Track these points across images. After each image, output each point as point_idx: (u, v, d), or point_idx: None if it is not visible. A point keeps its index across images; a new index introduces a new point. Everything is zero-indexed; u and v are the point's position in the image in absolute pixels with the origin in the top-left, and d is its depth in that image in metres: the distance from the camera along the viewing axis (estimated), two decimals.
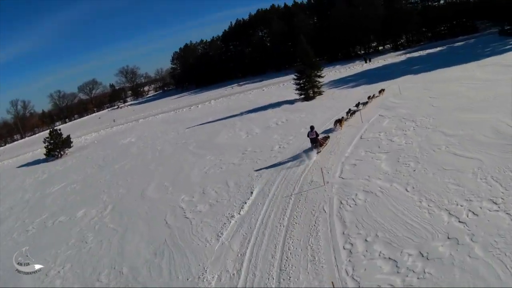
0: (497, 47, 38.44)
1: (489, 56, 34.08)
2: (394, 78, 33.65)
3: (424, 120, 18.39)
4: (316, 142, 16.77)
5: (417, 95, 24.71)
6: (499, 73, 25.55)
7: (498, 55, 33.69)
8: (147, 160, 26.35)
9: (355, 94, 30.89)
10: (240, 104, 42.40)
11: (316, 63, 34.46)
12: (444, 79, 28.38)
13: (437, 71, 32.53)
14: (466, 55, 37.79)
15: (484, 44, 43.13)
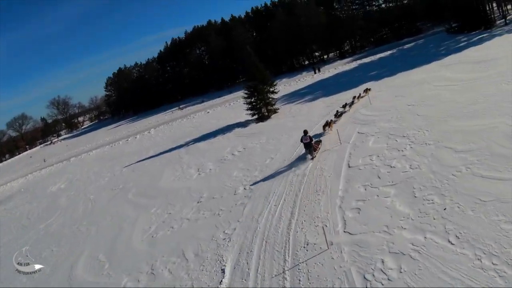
0: (451, 45, 40.13)
1: (447, 55, 34.95)
2: (355, 87, 32.36)
3: (418, 135, 16.20)
4: (310, 147, 16.76)
5: (392, 104, 23.02)
6: (470, 72, 25.47)
7: (456, 53, 34.66)
8: (77, 215, 22.78)
9: (317, 109, 28.87)
10: (184, 131, 38.57)
11: (268, 77, 31.72)
12: (411, 82, 27.84)
13: (399, 75, 32.21)
14: (422, 56, 38.75)
15: (435, 43, 45.04)
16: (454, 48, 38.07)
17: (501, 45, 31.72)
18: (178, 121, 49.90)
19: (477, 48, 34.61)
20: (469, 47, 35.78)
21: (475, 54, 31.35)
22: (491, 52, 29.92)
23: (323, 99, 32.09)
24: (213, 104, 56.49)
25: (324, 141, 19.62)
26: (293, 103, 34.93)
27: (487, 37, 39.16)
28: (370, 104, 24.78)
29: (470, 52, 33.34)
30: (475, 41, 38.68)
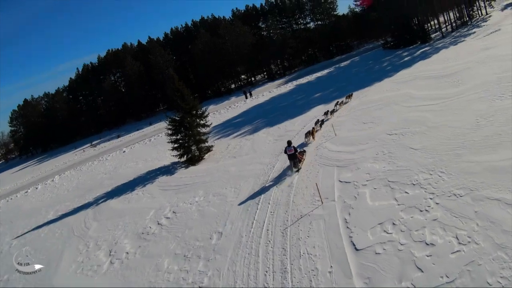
0: (394, 61, 40.32)
1: (396, 70, 34.19)
2: (302, 112, 28.29)
3: (433, 180, 12.19)
4: (295, 159, 16.71)
5: (365, 133, 19.12)
6: (438, 88, 23.92)
7: (406, 68, 33.95)
8: None
9: (263, 144, 24.10)
10: (95, 180, 31.00)
11: (197, 106, 25.99)
12: (373, 104, 24.98)
13: (353, 96, 28.27)
14: (368, 73, 37.49)
15: (374, 60, 44.53)
16: (400, 63, 37.42)
17: (454, 58, 31.61)
18: (88, 164, 40.98)
19: (427, 62, 34.05)
20: (416, 62, 35.25)
21: (430, 68, 30.36)
22: (449, 65, 28.91)
23: (267, 130, 27.19)
24: (131, 139, 48.73)
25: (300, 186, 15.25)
26: (230, 137, 29.44)
27: (430, 50, 39.34)
28: (335, 135, 20.31)
29: (422, 66, 32.59)
30: (419, 55, 38.57)
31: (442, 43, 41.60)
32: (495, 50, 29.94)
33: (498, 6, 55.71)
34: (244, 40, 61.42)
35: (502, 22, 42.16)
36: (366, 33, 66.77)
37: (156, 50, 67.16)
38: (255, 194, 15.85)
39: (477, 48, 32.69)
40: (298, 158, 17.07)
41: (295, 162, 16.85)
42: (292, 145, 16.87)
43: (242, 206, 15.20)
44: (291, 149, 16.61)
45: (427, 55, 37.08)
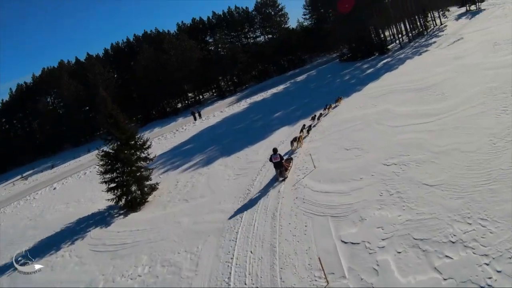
0: (356, 74, 39.37)
1: (363, 84, 32.43)
2: (265, 137, 24.87)
3: (478, 233, 9.88)
4: (281, 167, 16.67)
5: (353, 164, 16.13)
6: (422, 102, 21.95)
7: (373, 81, 32.76)
8: None
9: (222, 179, 20.40)
10: (17, 229, 24.88)
11: (135, 135, 21.49)
12: (348, 124, 22.42)
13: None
14: (331, 88, 35.91)
15: (333, 73, 43.39)
16: (364, 76, 36.23)
17: (424, 68, 30.77)
18: (14, 204, 33.86)
19: (394, 73, 32.80)
20: (382, 74, 34.01)
21: (402, 80, 29.00)
22: (423, 77, 27.75)
23: (224, 161, 23.16)
24: (66, 170, 42.19)
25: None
26: (179, 169, 24.88)
27: (393, 61, 38.56)
28: (315, 167, 16.86)
29: (390, 78, 31.37)
30: (383, 67, 37.57)
31: (404, 54, 40.85)
32: (467, 59, 29.32)
33: (451, 16, 57.25)
34: (190, 55, 57.71)
35: (462, 31, 42.56)
36: (318, 46, 65.98)
37: (95, 67, 61.42)
38: (221, 266, 11.74)
39: (446, 57, 31.98)
40: (284, 167, 16.98)
41: (281, 170, 16.85)
42: (278, 153, 16.84)
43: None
44: (277, 157, 16.58)
45: (391, 66, 35.77)
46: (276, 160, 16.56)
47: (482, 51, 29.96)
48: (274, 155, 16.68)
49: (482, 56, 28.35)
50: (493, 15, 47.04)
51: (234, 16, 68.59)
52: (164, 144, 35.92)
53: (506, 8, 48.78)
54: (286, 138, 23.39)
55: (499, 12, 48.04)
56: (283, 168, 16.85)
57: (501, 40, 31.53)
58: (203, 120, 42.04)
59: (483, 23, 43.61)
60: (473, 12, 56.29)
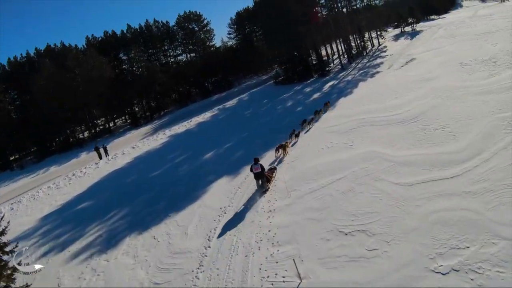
0: (298, 98, 33.77)
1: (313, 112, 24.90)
2: (195, 198, 17.31)
3: None
4: (262, 178, 15.59)
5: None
6: (424, 142, 16.76)
7: (329, 108, 24.70)
8: None
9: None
10: None
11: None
12: (321, 182, 15.25)
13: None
14: (271, 118, 29.47)
15: (270, 98, 37.47)
16: (310, 101, 31.49)
17: (389, 93, 25.92)
18: None
19: (351, 99, 28.37)
20: (336, 99, 28.62)
21: (370, 109, 23.64)
22: (398, 104, 23.33)
23: (134, 243, 14.56)
24: None
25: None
26: (64, 254, 15.22)
27: (343, 85, 34.33)
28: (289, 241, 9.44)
29: (352, 105, 25.79)
30: (332, 90, 33.21)
31: (351, 76, 36.10)
32: (438, 81, 25.29)
33: (387, 36, 55.03)
34: (100, 74, 47.12)
35: (410, 51, 39.47)
36: (246, 67, 60.03)
37: None
38: None
39: (409, 79, 27.78)
40: (266, 177, 15.80)
41: (262, 181, 15.69)
42: (260, 162, 15.65)
43: None
44: (258, 168, 15.45)
45: (343, 90, 30.41)
46: (257, 171, 15.53)
47: (452, 73, 26.32)
48: (255, 165, 15.66)
49: (459, 78, 24.37)
50: (437, 35, 45.00)
51: (152, 31, 59.17)
52: (53, 197, 25.49)
53: (448, 29, 47.45)
54: (231, 200, 15.71)
55: (442, 32, 46.39)
56: (265, 179, 15.77)
57: (467, 60, 28.34)
58: (109, 159, 32.21)
59: (430, 44, 41.13)
60: (411, 33, 55.14)
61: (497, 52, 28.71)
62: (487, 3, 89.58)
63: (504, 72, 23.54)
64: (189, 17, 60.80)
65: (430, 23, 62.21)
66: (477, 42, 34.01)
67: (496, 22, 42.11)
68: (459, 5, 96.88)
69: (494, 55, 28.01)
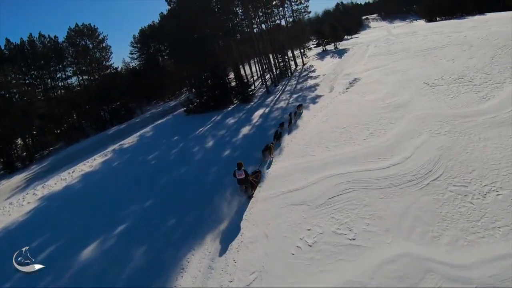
0: (222, 134, 24.85)
1: (255, 158, 17.75)
2: None
3: None
4: (246, 183, 14.75)
5: None
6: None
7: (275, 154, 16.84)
8: None
9: None
10: None
11: None
12: None
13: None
14: (192, 169, 19.86)
15: (182, 134, 28.26)
16: (241, 140, 22.82)
17: (357, 127, 18.84)
18: None
19: (302, 136, 20.22)
20: (272, 132, 20.18)
21: (340, 153, 16.35)
22: (380, 144, 16.43)
23: None
24: None
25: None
26: None
27: (277, 114, 25.31)
28: None
29: (307, 148, 17.95)
30: (266, 123, 24.69)
31: (284, 102, 28.85)
32: (414, 108, 19.26)
33: (310, 55, 49.76)
34: None
35: (346, 71, 33.80)
36: (151, 92, 50.35)
37: None
38: None
39: (373, 106, 21.20)
40: (250, 182, 14.84)
41: (246, 187, 14.82)
42: (243, 168, 14.73)
43: None
44: (241, 173, 14.70)
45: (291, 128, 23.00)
46: (241, 177, 14.59)
47: (426, 96, 20.77)
48: (238, 171, 14.69)
49: (443, 103, 18.94)
50: (370, 53, 40.33)
51: (36, 48, 46.03)
52: None
53: (379, 46, 43.30)
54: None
55: (373, 49, 41.99)
56: (249, 185, 14.64)
57: (432, 80, 23.30)
58: None
59: (367, 62, 36.02)
60: (335, 51, 50.54)
61: (463, 70, 24.07)
62: (396, 24, 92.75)
63: (496, 94, 18.40)
64: (81, 31, 49.03)
65: (347, 42, 59.08)
66: (427, 59, 29.72)
67: (431, 38, 38.81)
68: (367, 26, 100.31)
69: (462, 73, 23.36)
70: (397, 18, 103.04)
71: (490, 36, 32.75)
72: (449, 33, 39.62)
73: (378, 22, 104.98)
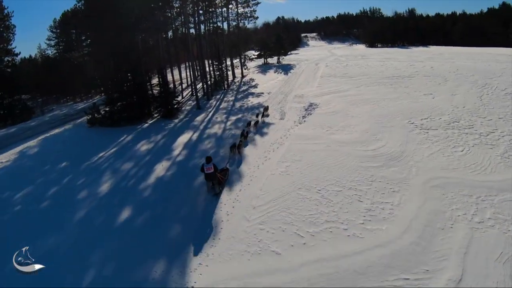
0: (132, 164, 16.78)
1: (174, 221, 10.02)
2: None
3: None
4: (214, 179, 13.68)
5: None
6: None
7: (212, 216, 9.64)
8: None
9: None
10: None
11: None
12: None
13: None
14: (64, 236, 11.27)
15: (76, 157, 19.01)
16: (156, 180, 14.70)
17: (317, 190, 12.44)
18: None
19: (252, 195, 12.77)
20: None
21: (323, 228, 8.96)
22: (385, 219, 9.73)
23: None
24: None
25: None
26: None
27: (210, 146, 18.50)
28: None
29: (271, 211, 11.11)
30: (190, 161, 16.91)
31: (219, 126, 21.59)
32: (416, 161, 13.39)
33: (250, 66, 43.17)
34: None
35: (299, 91, 27.40)
36: (62, 86, 40.19)
37: None
38: None
39: (351, 155, 14.46)
40: (218, 179, 13.83)
41: (213, 183, 13.79)
42: (212, 162, 13.73)
43: None
44: (210, 167, 13.61)
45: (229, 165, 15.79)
46: (209, 171, 13.46)
47: (419, 143, 15.36)
48: (206, 165, 13.62)
49: (454, 160, 13.63)
50: (323, 73, 34.12)
51: None
52: None
53: (330, 66, 37.56)
54: None
55: (326, 70, 35.89)
56: (216, 181, 13.63)
57: (418, 119, 18.03)
58: None
59: (320, 83, 29.87)
60: (279, 66, 43.77)
61: (452, 109, 19.33)
62: (336, 45, 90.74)
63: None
64: None
65: (289, 57, 52.21)
66: (398, 89, 24.91)
67: (390, 64, 34.47)
68: (306, 44, 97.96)
69: (454, 114, 18.77)
70: (336, 39, 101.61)
71: (462, 70, 28.83)
72: (407, 61, 35.72)
73: (317, 41, 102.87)
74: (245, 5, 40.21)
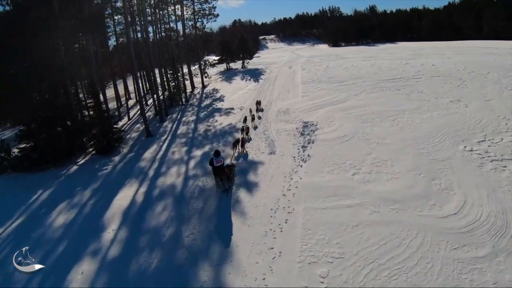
0: (51, 242, 9.00)
1: None
2: None
3: None
4: (222, 174, 12.96)
5: None
6: None
7: None
8: None
9: None
10: None
11: None
12: None
13: None
14: None
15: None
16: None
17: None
18: None
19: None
20: None
21: None
22: None
23: None
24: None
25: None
26: None
27: (165, 225, 11.83)
28: None
29: None
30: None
31: (178, 168, 14.58)
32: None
33: (211, 72, 36.85)
34: None
35: (284, 105, 21.27)
36: None
37: None
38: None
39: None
40: (226, 174, 13.21)
41: (222, 179, 13.10)
42: (221, 156, 13.13)
43: None
44: (220, 160, 12.98)
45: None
46: (219, 164, 12.85)
47: (498, 191, 9.31)
48: (216, 158, 12.96)
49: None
50: (303, 79, 27.99)
51: None
52: None
53: (308, 70, 31.53)
54: None
55: (305, 74, 29.65)
56: (225, 177, 12.99)
57: (470, 142, 12.93)
58: None
59: (305, 91, 23.69)
60: (247, 71, 37.45)
61: (506, 123, 14.02)
62: (297, 46, 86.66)
63: None
64: None
65: (252, 61, 45.91)
66: (412, 96, 19.26)
67: (382, 64, 29.37)
68: (265, 46, 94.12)
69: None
70: (296, 40, 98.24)
71: (471, 68, 24.16)
72: (394, 60, 30.89)
73: (276, 43, 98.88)
74: (202, 1, 33.82)
